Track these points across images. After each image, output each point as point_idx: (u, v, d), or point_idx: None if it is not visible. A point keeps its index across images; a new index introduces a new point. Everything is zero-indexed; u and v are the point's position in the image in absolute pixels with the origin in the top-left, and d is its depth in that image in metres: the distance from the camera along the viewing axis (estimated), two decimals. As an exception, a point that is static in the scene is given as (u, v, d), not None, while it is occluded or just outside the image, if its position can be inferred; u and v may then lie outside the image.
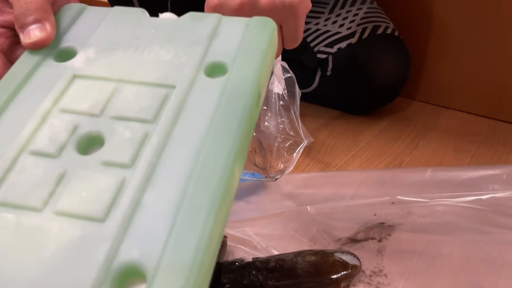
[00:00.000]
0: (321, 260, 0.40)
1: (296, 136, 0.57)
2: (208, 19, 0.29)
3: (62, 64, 0.27)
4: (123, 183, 0.21)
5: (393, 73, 0.71)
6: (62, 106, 0.25)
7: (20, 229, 0.20)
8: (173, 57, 0.27)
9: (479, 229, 0.47)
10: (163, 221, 0.19)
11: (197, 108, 0.24)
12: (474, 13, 0.74)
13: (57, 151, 0.23)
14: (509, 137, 0.71)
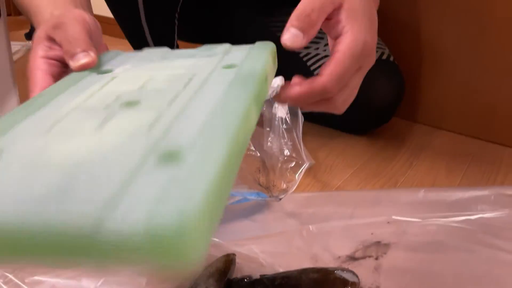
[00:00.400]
0: (323, 278, 0.43)
1: (298, 157, 0.61)
2: (221, 45, 0.38)
3: (103, 75, 0.34)
4: (160, 116, 0.25)
5: (388, 96, 0.75)
6: (107, 88, 0.31)
7: (73, 145, 0.22)
8: (194, 62, 0.34)
9: (468, 248, 0.51)
10: (195, 126, 0.23)
11: (216, 81, 0.30)
12: (465, 39, 0.78)
13: (103, 106, 0.27)
14: (498, 158, 0.75)
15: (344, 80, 0.35)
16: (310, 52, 0.79)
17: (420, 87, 0.85)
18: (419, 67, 0.83)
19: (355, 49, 0.35)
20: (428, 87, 0.85)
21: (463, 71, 0.80)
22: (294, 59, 0.80)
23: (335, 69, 0.34)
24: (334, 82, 0.34)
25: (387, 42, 0.80)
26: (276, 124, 0.63)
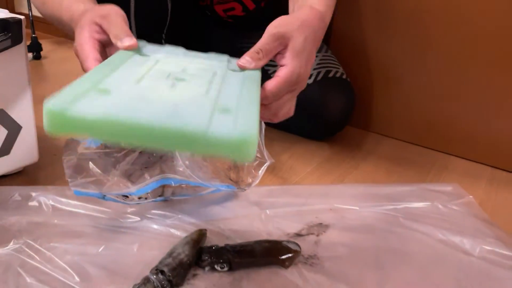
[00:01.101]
0: (272, 246, 0.57)
1: (261, 157, 0.74)
2: (223, 55, 0.52)
3: (144, 57, 0.46)
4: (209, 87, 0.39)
5: (341, 108, 0.89)
6: (157, 67, 0.43)
7: (162, 91, 0.36)
8: (210, 62, 0.48)
9: (390, 229, 0.65)
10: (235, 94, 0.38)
11: (232, 78, 0.44)
12: (407, 63, 0.93)
13: (165, 77, 0.40)
14: (430, 161, 0.90)
15: (278, 95, 0.50)
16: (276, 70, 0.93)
17: (371, 101, 1.00)
18: (371, 83, 0.98)
19: (290, 78, 0.49)
20: (378, 101, 1.00)
21: (406, 88, 0.95)
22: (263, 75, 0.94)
23: (272, 87, 0.48)
24: (270, 95, 0.49)
25: (342, 61, 0.95)
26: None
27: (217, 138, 0.29)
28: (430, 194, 0.75)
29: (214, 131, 0.30)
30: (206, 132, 0.29)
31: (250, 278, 0.53)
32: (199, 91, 0.38)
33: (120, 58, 0.43)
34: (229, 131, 0.30)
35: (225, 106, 0.35)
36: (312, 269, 0.56)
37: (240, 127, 0.31)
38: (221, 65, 0.47)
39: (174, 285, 0.50)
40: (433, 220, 0.67)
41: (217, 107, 0.34)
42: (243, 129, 0.30)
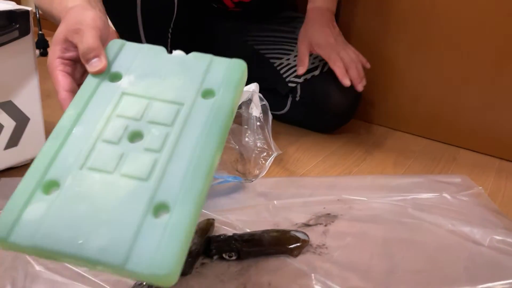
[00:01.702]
0: (281, 235, 0.57)
1: (268, 149, 0.74)
2: (204, 58, 0.44)
3: (114, 84, 0.42)
4: (157, 160, 0.36)
5: (347, 98, 0.88)
6: (118, 113, 0.40)
7: (104, 183, 0.35)
8: (182, 84, 0.42)
9: (398, 220, 0.65)
10: (178, 180, 0.35)
11: (196, 118, 0.39)
12: (414, 58, 0.93)
13: (117, 140, 0.38)
14: (438, 154, 0.89)
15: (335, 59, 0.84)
16: (283, 62, 0.93)
17: (377, 93, 1.00)
18: (377, 76, 0.97)
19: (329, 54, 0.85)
20: (385, 94, 0.99)
21: (413, 80, 0.95)
22: (270, 68, 0.94)
23: None
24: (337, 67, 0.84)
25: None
26: (252, 122, 0.76)
27: (134, 272, 0.31)
28: (439, 185, 0.75)
29: (130, 267, 0.31)
30: (123, 267, 0.31)
31: (259, 267, 0.53)
32: (144, 170, 0.36)
33: (86, 93, 0.41)
34: (147, 266, 0.31)
35: (163, 200, 0.34)
36: (321, 258, 0.55)
37: (163, 254, 0.31)
38: (193, 85, 0.42)
39: (182, 273, 0.50)
40: (442, 210, 0.67)
41: (153, 204, 0.34)
42: (163, 261, 0.31)
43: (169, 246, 0.31)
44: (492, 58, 0.85)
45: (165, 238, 0.32)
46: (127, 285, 0.48)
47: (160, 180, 0.35)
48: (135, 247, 0.31)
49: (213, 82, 0.42)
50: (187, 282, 0.50)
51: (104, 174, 0.36)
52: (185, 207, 0.33)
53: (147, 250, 0.31)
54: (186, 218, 0.33)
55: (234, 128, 0.82)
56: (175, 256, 0.31)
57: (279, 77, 0.92)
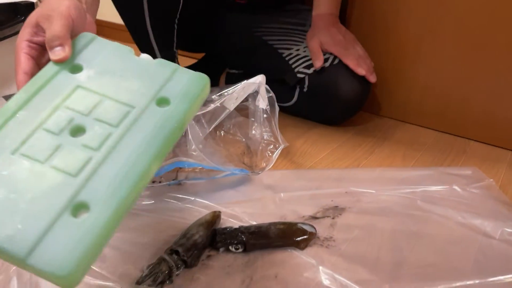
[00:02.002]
0: (287, 228, 0.56)
1: (275, 141, 0.73)
2: (169, 66, 0.43)
3: (72, 75, 0.41)
4: (91, 158, 0.35)
5: (356, 91, 0.87)
6: (67, 104, 0.39)
7: (31, 171, 0.34)
8: (139, 88, 0.41)
9: (407, 212, 0.64)
10: (106, 183, 0.34)
11: (143, 124, 0.38)
12: (424, 49, 0.91)
13: (58, 132, 0.37)
14: (448, 146, 0.88)
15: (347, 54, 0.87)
16: (292, 53, 0.92)
17: (386, 86, 0.98)
18: (387, 69, 0.96)
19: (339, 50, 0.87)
20: (393, 87, 0.98)
21: (423, 73, 0.93)
22: (278, 59, 0.93)
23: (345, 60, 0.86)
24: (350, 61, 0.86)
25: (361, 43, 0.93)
26: (258, 115, 0.75)
27: (34, 267, 0.30)
28: (449, 177, 0.73)
29: (32, 261, 0.30)
30: (25, 260, 0.30)
31: (265, 259, 0.53)
32: (75, 166, 0.35)
33: (42, 79, 0.40)
34: (48, 263, 0.30)
35: (84, 200, 0.33)
36: (328, 251, 0.55)
37: (67, 254, 0.30)
38: (150, 91, 0.41)
39: (188, 265, 0.50)
40: (452, 203, 0.66)
41: (74, 202, 0.33)
42: (65, 262, 0.30)
43: (76, 247, 0.30)
44: (504, 48, 0.84)
45: (75, 239, 0.30)
46: (133, 277, 0.48)
47: (88, 179, 0.34)
48: (42, 242, 0.30)
49: (171, 91, 0.41)
50: (193, 274, 0.50)
51: (34, 163, 0.35)
52: (104, 211, 0.32)
53: (54, 248, 0.30)
54: (102, 222, 0.32)
55: (241, 121, 0.82)
56: (78, 259, 0.30)
57: (287, 68, 0.91)
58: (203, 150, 0.67)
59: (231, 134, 0.79)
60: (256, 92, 0.73)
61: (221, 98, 0.69)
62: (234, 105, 0.69)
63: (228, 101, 0.70)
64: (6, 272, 0.47)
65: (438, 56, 0.90)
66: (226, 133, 0.79)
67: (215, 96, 0.71)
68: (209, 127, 0.69)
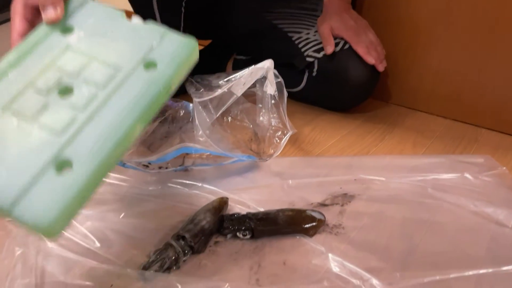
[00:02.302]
0: (296, 215, 0.55)
1: (283, 127, 0.72)
2: (158, 30, 0.43)
3: (63, 36, 0.42)
4: (76, 118, 0.36)
5: (366, 77, 0.85)
6: (56, 65, 0.40)
7: (18, 127, 0.35)
8: (127, 51, 0.41)
9: (418, 200, 0.63)
10: (90, 142, 0.35)
11: (130, 86, 0.39)
12: (436, 35, 0.89)
13: (47, 91, 0.38)
14: (460, 134, 0.86)
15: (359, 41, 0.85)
16: (301, 37, 0.90)
17: (397, 73, 0.96)
18: (397, 55, 0.94)
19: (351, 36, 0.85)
20: (404, 73, 0.96)
21: (435, 60, 0.91)
22: (288, 42, 0.91)
23: None
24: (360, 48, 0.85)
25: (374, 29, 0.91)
26: (266, 101, 0.74)
27: (18, 218, 0.31)
28: (460, 165, 0.72)
29: (16, 212, 0.31)
30: (10, 211, 0.31)
31: (273, 246, 0.52)
32: (60, 124, 0.36)
33: (33, 40, 0.41)
34: (32, 215, 0.31)
35: (68, 157, 0.34)
36: (337, 239, 0.54)
37: (49, 207, 0.32)
38: (138, 52, 0.41)
39: (195, 251, 0.49)
40: (464, 191, 0.64)
41: (58, 159, 0.34)
42: (46, 213, 0.31)
43: (58, 200, 0.32)
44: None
45: (57, 193, 0.32)
46: (139, 263, 0.48)
47: (72, 137, 0.35)
48: (27, 195, 0.32)
49: (159, 55, 0.41)
50: (200, 261, 0.49)
51: (22, 120, 0.36)
52: (86, 168, 0.34)
53: (37, 201, 0.32)
54: (83, 178, 0.33)
55: (248, 107, 0.80)
56: (59, 212, 0.32)
57: (297, 52, 0.89)
58: (210, 136, 0.66)
59: (238, 120, 0.78)
60: (264, 78, 0.72)
61: (228, 83, 0.67)
62: (242, 91, 0.68)
63: (235, 86, 0.68)
64: (11, 257, 0.47)
65: (451, 43, 0.88)
66: (234, 119, 0.78)
67: (222, 82, 0.69)
68: (216, 113, 0.68)
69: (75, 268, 0.46)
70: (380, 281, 0.47)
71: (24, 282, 0.44)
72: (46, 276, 0.45)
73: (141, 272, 0.46)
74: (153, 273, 0.45)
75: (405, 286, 0.47)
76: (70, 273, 0.46)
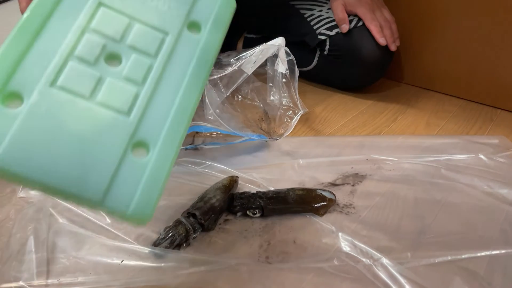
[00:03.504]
0: (306, 194, 0.55)
1: (294, 107, 0.71)
2: None
3: None
4: (138, 94, 0.33)
5: (379, 55, 0.84)
6: (94, 26, 0.34)
7: (77, 108, 0.31)
8: (168, 9, 0.37)
9: (431, 181, 0.62)
10: (160, 120, 0.33)
11: (181, 54, 0.36)
12: (452, 13, 0.86)
13: (94, 60, 0.33)
14: (475, 115, 0.84)
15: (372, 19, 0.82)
16: (314, 14, 0.88)
17: (411, 52, 0.94)
18: (411, 34, 0.92)
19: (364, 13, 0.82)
20: (418, 52, 0.94)
21: (450, 40, 0.89)
22: (300, 19, 0.89)
23: None
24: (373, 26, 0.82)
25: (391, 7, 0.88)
26: (277, 79, 0.73)
27: (111, 210, 0.30)
28: (474, 146, 0.71)
29: (108, 204, 0.30)
30: (101, 203, 0.30)
31: (283, 224, 0.52)
32: (123, 103, 0.33)
33: None
34: (126, 205, 0.30)
35: (142, 138, 0.32)
36: (348, 218, 0.53)
37: (143, 196, 0.30)
38: (178, 17, 0.37)
39: (205, 228, 0.49)
40: (477, 172, 0.63)
41: (132, 141, 0.32)
42: (143, 203, 0.30)
43: (150, 188, 0.31)
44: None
45: (146, 179, 0.31)
46: (150, 240, 0.48)
47: (141, 116, 0.33)
48: (114, 184, 0.30)
49: (201, 15, 0.38)
50: (210, 238, 0.49)
51: (78, 98, 0.32)
52: (167, 150, 0.32)
53: (127, 189, 0.30)
54: (168, 161, 0.32)
55: (259, 86, 0.79)
56: (155, 199, 0.31)
57: (309, 29, 0.88)
58: (220, 115, 0.65)
59: (249, 99, 0.77)
60: (275, 56, 0.71)
61: (238, 61, 0.66)
62: (253, 69, 0.67)
63: (246, 64, 0.67)
64: (23, 231, 0.47)
65: (467, 21, 0.86)
66: (244, 98, 0.77)
67: (232, 60, 0.68)
68: (226, 91, 0.67)
69: (86, 244, 0.47)
70: (391, 260, 0.46)
71: (36, 256, 0.44)
72: (57, 251, 0.46)
73: (152, 249, 0.46)
74: (163, 250, 0.45)
75: (416, 266, 0.47)
76: (81, 249, 0.46)
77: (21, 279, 0.42)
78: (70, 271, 0.43)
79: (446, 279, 0.45)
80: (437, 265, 0.47)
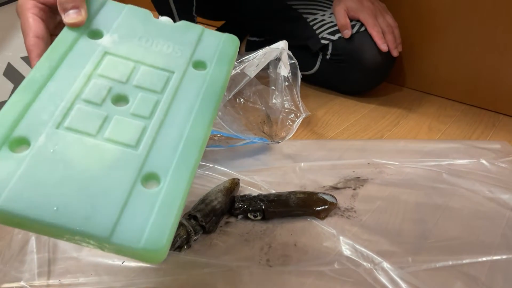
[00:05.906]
0: (308, 197, 0.55)
1: (296, 110, 0.71)
2: (195, 28, 0.42)
3: (94, 41, 0.38)
4: (146, 127, 0.34)
5: (381, 60, 0.84)
6: (100, 72, 0.36)
7: (85, 146, 0.31)
8: (172, 52, 0.39)
9: (432, 185, 0.62)
10: (169, 151, 0.33)
11: (187, 89, 0.37)
12: (455, 17, 0.87)
13: (100, 101, 0.34)
14: (477, 120, 0.84)
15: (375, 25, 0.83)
16: (317, 18, 0.88)
17: (413, 57, 0.94)
18: (413, 38, 0.92)
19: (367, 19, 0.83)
20: (421, 57, 0.94)
21: (452, 44, 0.89)
22: (302, 23, 0.90)
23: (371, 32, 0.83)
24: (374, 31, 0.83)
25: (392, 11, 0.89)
26: (280, 83, 0.73)
27: (121, 245, 0.28)
28: (476, 151, 0.70)
29: (117, 240, 0.28)
30: (109, 239, 0.28)
31: (284, 227, 0.52)
32: (131, 136, 0.33)
33: (62, 46, 0.37)
34: (137, 240, 0.28)
35: (153, 169, 0.31)
36: (349, 222, 0.54)
37: (154, 229, 0.29)
38: (183, 56, 0.39)
39: (206, 231, 0.49)
40: (479, 177, 0.63)
41: (141, 173, 0.31)
42: (155, 236, 0.28)
43: (161, 220, 0.29)
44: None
45: (157, 212, 0.29)
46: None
47: (149, 149, 0.33)
48: (122, 219, 0.29)
49: (205, 54, 0.40)
50: (211, 240, 0.49)
51: (85, 136, 0.32)
52: (179, 180, 0.31)
53: (136, 223, 0.29)
54: (180, 192, 0.31)
55: (261, 89, 0.80)
56: (167, 232, 0.29)
57: (311, 33, 0.88)
58: (222, 118, 0.65)
59: (251, 102, 0.77)
60: (278, 59, 0.71)
61: (241, 64, 0.66)
62: (255, 72, 0.67)
63: (248, 67, 0.67)
64: (25, 232, 0.47)
65: (469, 26, 0.86)
66: (246, 101, 0.77)
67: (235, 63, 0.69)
68: (228, 94, 0.68)
69: (87, 245, 0.47)
70: (392, 264, 0.46)
71: (37, 257, 0.45)
72: (59, 252, 0.46)
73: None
74: (164, 252, 0.45)
75: (416, 270, 0.47)
76: (82, 250, 0.46)
77: (23, 279, 0.42)
78: (71, 271, 0.44)
79: (447, 284, 0.45)
80: (438, 270, 0.47)
